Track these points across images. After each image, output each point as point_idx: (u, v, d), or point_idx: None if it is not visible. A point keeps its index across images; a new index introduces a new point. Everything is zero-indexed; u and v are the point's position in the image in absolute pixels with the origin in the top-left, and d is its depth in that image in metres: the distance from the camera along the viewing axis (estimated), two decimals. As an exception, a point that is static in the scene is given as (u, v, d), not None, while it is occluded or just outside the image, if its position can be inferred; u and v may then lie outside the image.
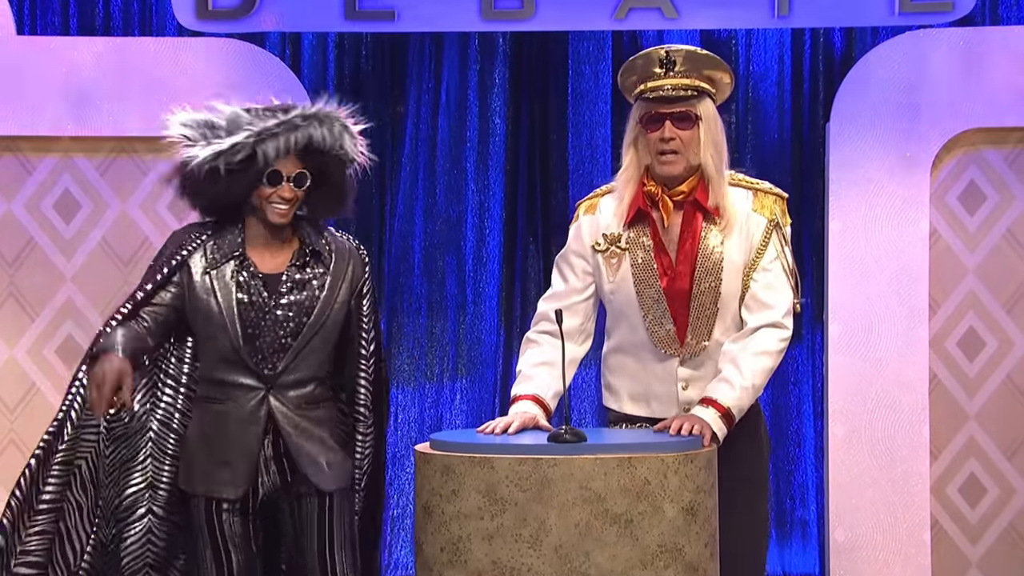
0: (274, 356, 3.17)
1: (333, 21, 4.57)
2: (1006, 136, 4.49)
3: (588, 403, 4.70)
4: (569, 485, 2.65)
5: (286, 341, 3.18)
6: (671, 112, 2.99)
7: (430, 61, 4.77)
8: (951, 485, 4.55)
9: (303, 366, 3.19)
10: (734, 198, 3.04)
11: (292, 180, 3.17)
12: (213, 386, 3.19)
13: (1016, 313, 4.52)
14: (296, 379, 3.19)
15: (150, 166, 4.59)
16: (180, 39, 4.59)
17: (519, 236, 4.75)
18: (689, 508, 2.71)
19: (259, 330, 3.16)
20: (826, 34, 4.70)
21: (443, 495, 2.73)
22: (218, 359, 3.17)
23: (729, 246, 3.01)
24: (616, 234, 3.05)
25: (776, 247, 3.03)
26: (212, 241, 3.24)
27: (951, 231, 4.52)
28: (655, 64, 3.01)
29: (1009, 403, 4.53)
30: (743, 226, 3.03)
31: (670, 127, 2.99)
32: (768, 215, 3.04)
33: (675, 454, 2.71)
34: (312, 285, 3.20)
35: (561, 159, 4.77)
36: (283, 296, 3.19)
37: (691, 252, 3.01)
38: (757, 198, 3.05)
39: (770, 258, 3.02)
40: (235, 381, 3.17)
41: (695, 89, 3.01)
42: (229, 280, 3.18)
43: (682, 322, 3.01)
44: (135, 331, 3.09)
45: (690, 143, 2.99)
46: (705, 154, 3.00)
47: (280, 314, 3.18)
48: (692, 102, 3.00)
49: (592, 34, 4.71)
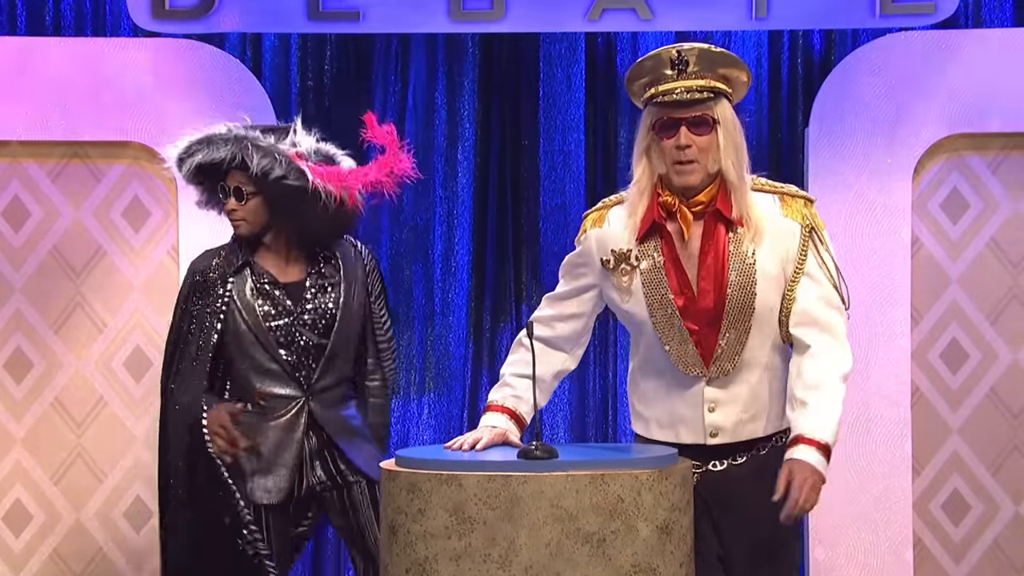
0: (309, 360, 3.47)
1: (296, 22, 4.56)
2: (989, 142, 4.52)
3: (560, 417, 4.70)
4: (539, 503, 2.65)
5: (318, 344, 3.47)
6: (686, 117, 2.85)
7: (396, 63, 4.77)
8: (934, 502, 4.57)
9: (334, 369, 3.50)
10: (760, 204, 2.91)
11: (233, 193, 3.48)
12: (253, 403, 3.48)
13: (1000, 324, 4.55)
14: (329, 383, 3.50)
15: (104, 172, 4.57)
16: (135, 40, 4.57)
17: (489, 245, 4.75)
18: (664, 527, 2.71)
19: (291, 337, 3.46)
20: (805, 36, 4.73)
21: (409, 514, 2.72)
22: (256, 374, 3.46)
23: (762, 256, 2.88)
24: (626, 250, 2.92)
25: (816, 253, 2.89)
26: (224, 260, 3.53)
27: (934, 240, 4.55)
28: (666, 65, 2.87)
29: (993, 417, 4.55)
30: (775, 234, 2.89)
31: (686, 133, 2.85)
32: (800, 220, 2.90)
33: (649, 471, 2.71)
34: (334, 290, 3.50)
35: (532, 165, 4.77)
36: (309, 302, 3.49)
37: (715, 267, 2.86)
38: (785, 203, 2.92)
39: (813, 265, 2.88)
40: (274, 393, 3.47)
41: (711, 90, 2.86)
42: (250, 297, 3.47)
43: (708, 342, 2.87)
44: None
45: (708, 149, 2.86)
46: (726, 160, 2.87)
47: (308, 319, 3.47)
48: (708, 105, 2.86)
49: (564, 36, 4.71)
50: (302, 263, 3.52)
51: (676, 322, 2.88)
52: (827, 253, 2.91)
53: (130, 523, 4.58)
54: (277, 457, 3.47)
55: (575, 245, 3.04)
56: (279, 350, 3.45)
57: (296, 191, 3.45)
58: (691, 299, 2.88)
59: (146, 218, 4.58)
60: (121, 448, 4.58)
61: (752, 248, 2.88)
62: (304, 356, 3.47)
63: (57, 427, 4.58)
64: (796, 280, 2.89)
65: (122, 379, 4.58)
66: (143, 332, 4.57)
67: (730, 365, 2.89)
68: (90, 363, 4.58)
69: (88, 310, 4.58)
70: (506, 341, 4.74)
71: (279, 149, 3.48)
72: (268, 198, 3.47)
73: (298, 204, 3.47)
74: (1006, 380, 4.54)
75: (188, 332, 3.50)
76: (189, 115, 4.49)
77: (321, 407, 3.48)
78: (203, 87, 4.50)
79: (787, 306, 2.89)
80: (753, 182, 2.93)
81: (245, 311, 3.46)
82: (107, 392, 4.58)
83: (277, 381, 3.48)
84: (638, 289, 2.91)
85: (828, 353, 2.86)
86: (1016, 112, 4.44)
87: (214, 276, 3.50)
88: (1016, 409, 4.56)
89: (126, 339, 4.57)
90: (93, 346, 4.58)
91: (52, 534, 4.57)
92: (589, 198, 4.76)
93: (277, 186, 3.45)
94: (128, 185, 4.57)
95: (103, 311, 4.58)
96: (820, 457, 2.80)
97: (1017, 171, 4.52)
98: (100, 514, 4.59)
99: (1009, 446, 4.56)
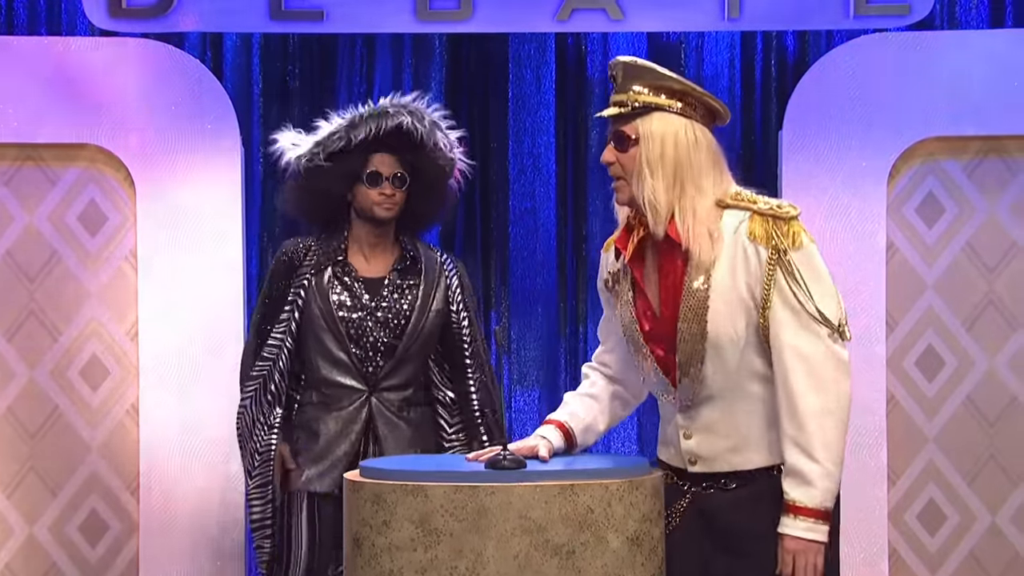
0: (378, 357, 3.56)
1: (257, 21, 4.54)
2: (965, 145, 4.54)
3: (531, 426, 4.68)
4: (508, 514, 2.63)
5: (389, 343, 3.56)
6: (610, 132, 2.84)
7: (361, 64, 4.75)
8: (909, 511, 4.58)
9: (403, 371, 3.59)
10: (725, 223, 2.78)
11: (391, 180, 3.57)
12: (318, 389, 3.59)
13: (976, 330, 4.57)
14: (397, 383, 3.58)
15: (59, 176, 4.53)
16: (91, 39, 4.53)
17: (457, 250, 4.74)
18: (634, 538, 2.70)
19: (362, 332, 3.56)
20: (778, 37, 4.74)
21: (373, 526, 2.70)
22: (324, 361, 3.57)
23: (719, 281, 2.76)
24: (613, 274, 2.93)
25: (787, 276, 2.74)
26: (317, 247, 3.62)
27: (909, 244, 4.57)
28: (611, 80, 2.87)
29: (969, 425, 4.57)
30: (736, 257, 2.77)
31: (609, 150, 2.82)
32: (765, 241, 2.75)
33: (620, 481, 2.70)
34: (411, 292, 3.59)
35: (502, 168, 4.77)
36: (384, 300, 3.59)
37: (674, 290, 2.80)
38: (753, 221, 2.77)
39: (784, 290, 2.74)
40: (340, 383, 3.57)
41: (635, 104, 2.79)
42: (327, 284, 3.58)
43: (671, 367, 2.82)
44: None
45: (632, 167, 2.79)
46: (639, 181, 2.77)
47: (381, 316, 3.57)
48: (630, 120, 2.79)
49: (533, 36, 4.71)
50: (386, 259, 3.63)
51: (642, 346, 2.86)
52: (798, 275, 2.75)
53: (85, 538, 4.54)
54: (334, 447, 3.57)
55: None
56: (348, 343, 3.56)
57: (443, 172, 3.63)
58: (654, 323, 2.84)
59: (103, 223, 4.54)
60: (76, 460, 4.53)
61: (704, 273, 2.77)
62: (373, 352, 3.57)
63: (9, 438, 4.53)
64: (766, 306, 2.76)
65: (78, 388, 4.53)
66: (100, 340, 4.53)
67: (692, 392, 2.82)
68: (44, 372, 4.54)
69: (42, 317, 4.54)
70: (474, 348, 4.74)
71: (438, 123, 3.63)
72: (421, 176, 3.60)
73: (441, 186, 3.64)
74: (982, 388, 4.56)
75: (270, 313, 3.62)
76: (147, 117, 4.47)
77: (384, 406, 3.58)
78: (162, 88, 4.47)
79: (764, 334, 2.76)
80: (732, 197, 2.81)
81: (320, 297, 3.57)
82: (62, 402, 4.53)
83: (344, 372, 3.57)
84: (620, 312, 2.91)
85: (804, 388, 2.72)
86: (992, 115, 4.46)
87: (308, 260, 3.60)
88: (992, 417, 4.58)
89: (82, 347, 4.53)
90: (47, 355, 4.53)
91: (3, 549, 4.52)
92: (559, 202, 4.76)
93: (431, 166, 3.60)
94: (84, 189, 4.53)
95: (58, 319, 4.53)
96: (815, 524, 2.74)
97: (993, 175, 4.54)
98: (54, 528, 4.54)
99: (985, 455, 4.58)
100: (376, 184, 3.57)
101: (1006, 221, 4.55)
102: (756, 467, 2.83)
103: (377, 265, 3.63)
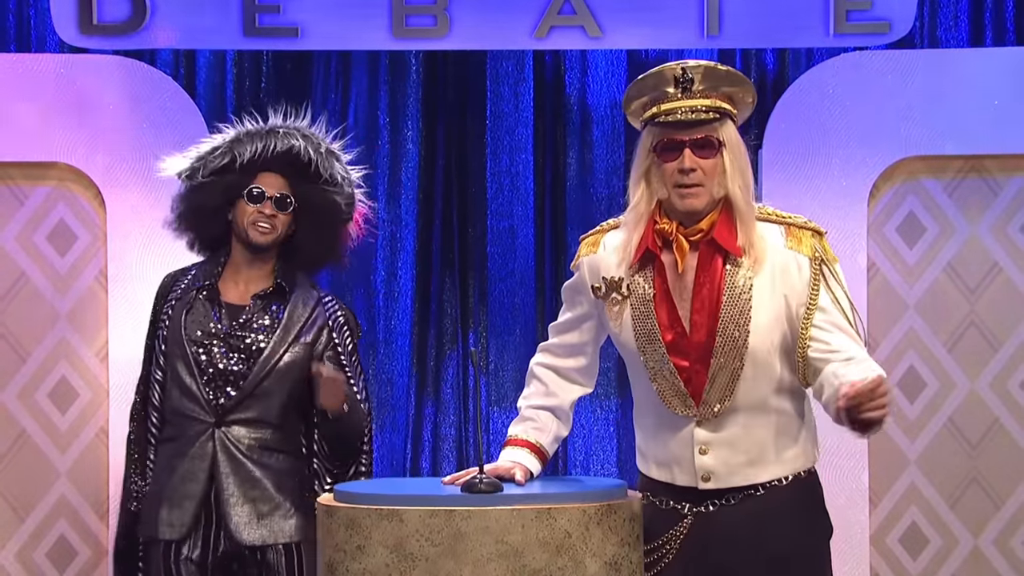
0: (226, 387, 3.31)
1: (231, 38, 4.55)
2: (946, 164, 4.59)
3: (509, 449, 4.71)
4: (484, 539, 2.65)
5: (239, 372, 3.32)
6: (690, 138, 2.78)
7: (337, 81, 4.77)
8: (891, 535, 4.61)
9: (256, 406, 3.32)
10: (764, 234, 2.83)
11: (274, 200, 3.36)
12: (172, 421, 3.36)
13: (958, 352, 4.61)
14: (248, 418, 3.32)
15: (27, 194, 4.53)
16: (62, 56, 4.54)
17: (434, 269, 4.76)
18: (612, 563, 2.72)
19: (211, 358, 3.32)
20: (757, 55, 4.78)
21: (348, 551, 2.71)
22: (175, 389, 3.35)
23: (761, 289, 2.79)
24: (617, 278, 2.85)
25: (828, 289, 2.80)
26: (194, 274, 3.43)
27: (890, 265, 4.61)
28: (668, 83, 2.80)
29: (951, 447, 4.60)
30: (778, 267, 2.81)
31: (690, 156, 2.77)
32: (808, 252, 2.82)
33: (597, 504, 2.72)
34: (272, 321, 3.36)
35: (479, 186, 4.79)
36: (240, 328, 3.35)
37: (710, 299, 2.78)
38: (791, 234, 2.84)
39: (826, 301, 2.79)
40: (188, 414, 3.33)
41: (716, 111, 2.80)
42: (187, 309, 3.36)
43: (698, 379, 2.79)
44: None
45: (713, 173, 2.78)
46: (732, 185, 2.79)
47: (233, 343, 3.33)
48: (713, 126, 2.79)
49: (511, 53, 4.74)
50: (256, 287, 3.42)
51: (664, 358, 2.80)
52: (840, 288, 2.82)
53: (53, 564, 4.53)
54: (181, 486, 3.33)
55: (572, 271, 3.00)
56: (195, 367, 3.33)
57: (336, 208, 3.43)
58: (681, 334, 2.80)
59: (73, 242, 4.55)
60: (44, 484, 4.52)
61: (750, 281, 2.79)
62: (223, 381, 3.34)
63: (-24, 462, 4.53)
64: (809, 318, 2.79)
65: (46, 411, 4.53)
66: (69, 362, 4.53)
67: (720, 406, 2.79)
68: (12, 394, 4.53)
69: (10, 339, 4.53)
70: (452, 369, 4.75)
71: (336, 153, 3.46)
72: (309, 207, 3.41)
73: (333, 224, 3.44)
74: (964, 409, 4.59)
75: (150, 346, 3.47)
76: (118, 134, 4.48)
77: (231, 443, 3.32)
78: (134, 105, 4.48)
79: (803, 345, 2.78)
80: (760, 211, 2.86)
81: (176, 322, 3.38)
82: (29, 425, 4.53)
83: (193, 401, 3.35)
84: (628, 321, 2.84)
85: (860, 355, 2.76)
86: (972, 134, 4.51)
87: (176, 287, 3.45)
88: (975, 439, 4.61)
89: (51, 369, 4.53)
90: (15, 377, 4.53)
91: (-30, 575, 4.51)
92: (537, 220, 4.78)
93: (323, 198, 3.41)
94: (53, 207, 4.54)
95: (26, 340, 4.53)
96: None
97: (974, 194, 4.59)
98: (21, 555, 4.53)
99: (968, 478, 4.61)
100: (257, 201, 3.37)
101: (987, 241, 4.59)
102: (770, 479, 2.85)
103: (246, 291, 3.42)
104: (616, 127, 4.76)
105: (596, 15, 4.54)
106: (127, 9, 4.49)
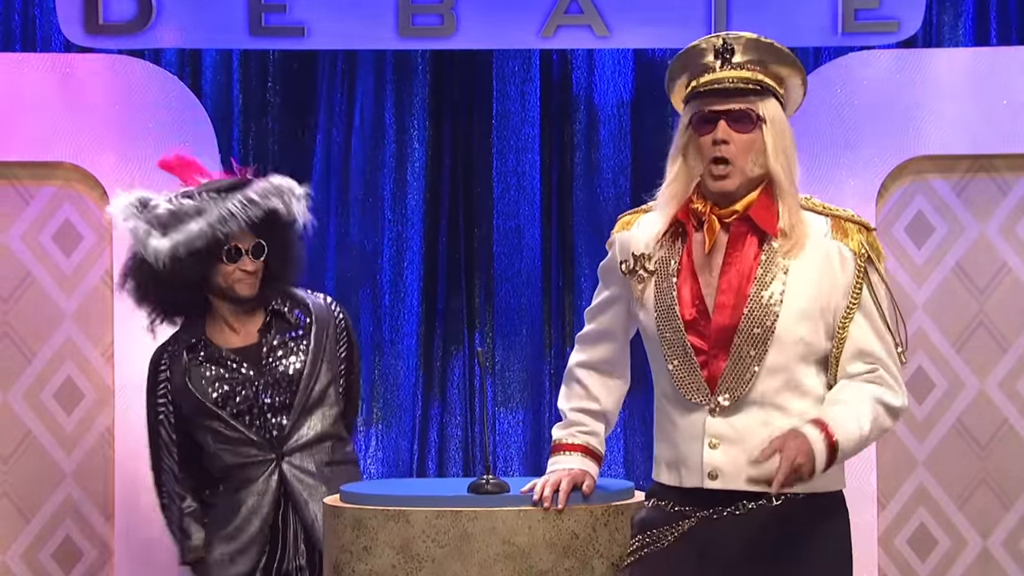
0: (276, 417, 3.45)
1: (237, 37, 4.57)
2: (954, 164, 4.59)
3: (515, 449, 4.72)
4: (491, 540, 2.66)
5: (282, 402, 3.45)
6: (726, 109, 2.62)
7: (343, 81, 4.78)
8: (900, 536, 4.62)
9: (308, 425, 3.47)
10: (808, 223, 2.67)
11: (250, 253, 3.48)
12: (224, 477, 3.46)
13: (967, 352, 4.61)
14: (307, 441, 3.46)
15: (33, 194, 4.55)
16: (67, 55, 4.55)
17: (440, 270, 4.77)
18: (620, 564, 2.73)
19: (249, 402, 3.44)
20: (766, 55, 4.78)
21: (354, 552, 2.73)
22: (223, 447, 3.45)
23: (797, 277, 2.63)
24: (645, 255, 2.71)
25: (871, 289, 2.66)
26: (177, 342, 3.52)
27: (898, 265, 4.61)
28: (709, 54, 2.67)
29: (960, 448, 4.61)
30: (820, 257, 2.65)
31: (724, 127, 2.61)
32: (855, 247, 2.66)
33: (604, 505, 2.74)
34: (296, 348, 3.49)
35: (485, 186, 4.79)
36: (267, 365, 3.46)
37: (738, 280, 2.63)
38: (837, 226, 2.67)
39: (868, 301, 2.65)
40: (242, 461, 3.44)
41: (758, 83, 2.64)
42: (194, 373, 3.47)
43: (716, 364, 2.63)
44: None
45: (749, 150, 2.62)
46: (775, 163, 2.63)
47: (269, 379, 3.45)
48: (752, 99, 2.62)
49: (518, 52, 4.75)
50: (255, 324, 3.54)
51: (680, 337, 2.64)
52: (883, 288, 2.69)
53: (59, 565, 4.54)
54: (246, 526, 3.47)
55: (606, 250, 2.88)
56: (240, 419, 3.46)
57: (293, 223, 3.57)
58: (703, 313, 2.64)
59: (78, 242, 4.56)
60: (50, 485, 4.54)
61: (787, 266, 2.63)
62: (268, 412, 3.47)
63: (-18, 463, 4.55)
64: (849, 317, 2.64)
65: (52, 412, 4.55)
66: (75, 362, 4.55)
67: (737, 394, 2.62)
68: (18, 395, 4.55)
69: (16, 339, 4.55)
70: (458, 369, 4.76)
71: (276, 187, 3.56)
72: (275, 240, 3.53)
73: (296, 242, 3.59)
74: (973, 410, 4.59)
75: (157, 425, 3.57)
76: (124, 134, 4.49)
77: (297, 469, 3.46)
78: (140, 105, 4.49)
79: (839, 345, 2.65)
80: (804, 200, 2.71)
81: (194, 384, 3.49)
82: (35, 426, 4.55)
83: (245, 446, 3.48)
84: (650, 298, 2.70)
85: (874, 379, 2.64)
86: (981, 133, 4.51)
87: (164, 361, 3.55)
88: (984, 440, 4.62)
89: (56, 370, 4.55)
90: (21, 377, 4.55)
91: (-24, 576, 4.53)
92: (544, 220, 4.79)
93: (286, 229, 3.54)
94: (59, 207, 4.55)
95: (32, 340, 4.55)
96: (823, 446, 2.54)
97: (983, 194, 4.59)
98: (27, 556, 4.54)
99: (977, 479, 4.62)
100: (236, 260, 3.48)
101: (996, 241, 4.60)
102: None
103: (247, 333, 3.54)
104: (623, 127, 4.77)
105: (603, 14, 4.55)
106: (133, 9, 4.51)
